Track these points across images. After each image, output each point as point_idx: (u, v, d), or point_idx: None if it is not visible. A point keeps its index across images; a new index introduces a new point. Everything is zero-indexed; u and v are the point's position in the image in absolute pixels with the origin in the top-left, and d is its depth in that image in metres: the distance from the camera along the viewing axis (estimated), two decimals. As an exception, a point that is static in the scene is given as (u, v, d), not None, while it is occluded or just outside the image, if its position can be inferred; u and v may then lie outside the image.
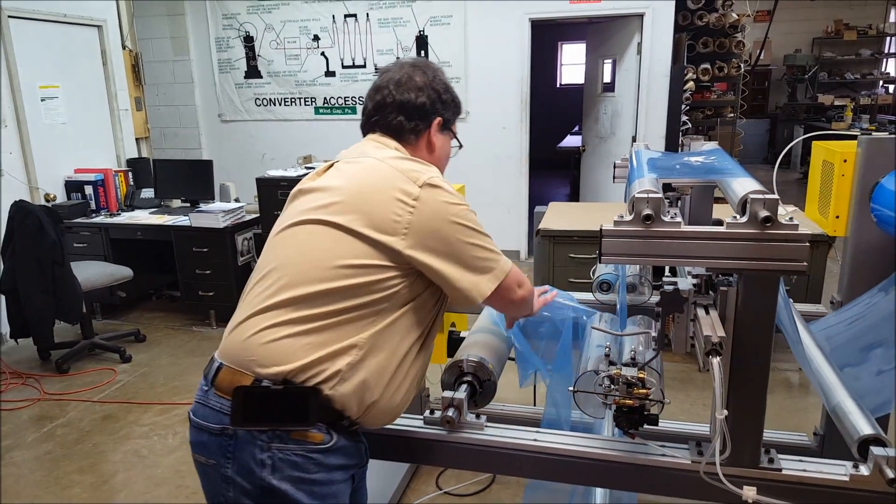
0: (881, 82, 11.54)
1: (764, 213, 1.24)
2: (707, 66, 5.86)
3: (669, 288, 1.42)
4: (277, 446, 1.29)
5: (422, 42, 6.00)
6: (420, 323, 1.43)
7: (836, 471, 1.39)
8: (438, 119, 1.55)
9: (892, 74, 11.80)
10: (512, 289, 1.48)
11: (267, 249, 1.45)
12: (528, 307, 1.61)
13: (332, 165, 1.49)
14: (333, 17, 6.16)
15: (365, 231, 1.32)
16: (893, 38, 11.45)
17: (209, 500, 1.40)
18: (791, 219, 1.26)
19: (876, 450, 1.33)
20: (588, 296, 2.32)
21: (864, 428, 1.41)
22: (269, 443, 1.29)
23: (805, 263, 1.27)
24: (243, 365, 1.31)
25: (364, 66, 6.19)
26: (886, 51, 11.56)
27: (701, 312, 1.39)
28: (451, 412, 1.55)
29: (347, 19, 6.13)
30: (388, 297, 1.34)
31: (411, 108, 1.52)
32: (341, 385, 1.31)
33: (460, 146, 1.68)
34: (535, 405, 2.78)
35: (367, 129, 1.57)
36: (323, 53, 6.27)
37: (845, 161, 2.10)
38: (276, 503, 1.30)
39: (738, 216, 1.31)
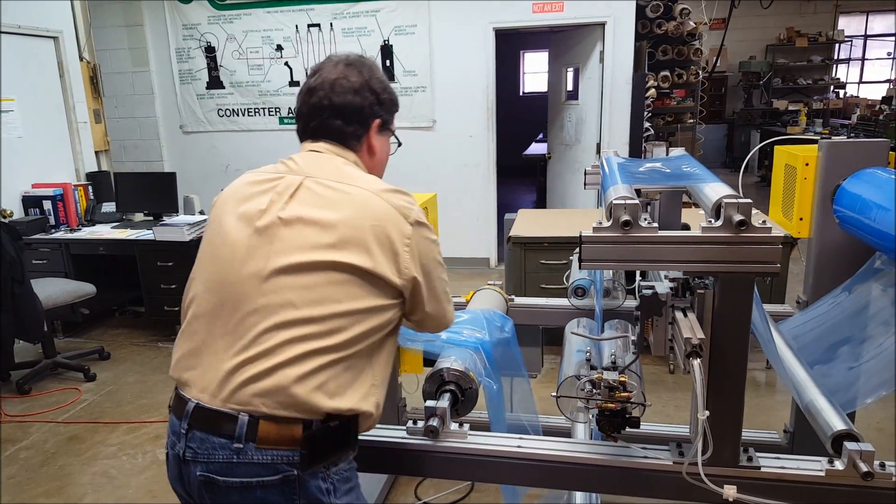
0: (832, 87, 11.91)
1: (738, 217, 1.28)
2: (667, 73, 5.98)
3: (648, 292, 1.45)
4: (334, 470, 1.35)
5: (387, 51, 6.01)
6: (395, 346, 1.47)
7: (812, 467, 1.43)
8: (377, 121, 1.49)
9: (842, 80, 12.19)
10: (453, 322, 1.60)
11: (271, 290, 1.30)
12: None
13: (300, 186, 1.36)
14: (297, 26, 6.13)
15: (374, 270, 1.31)
16: (842, 45, 11.85)
17: None
18: (764, 222, 1.29)
19: (850, 445, 1.37)
20: (563, 301, 2.35)
21: (837, 424, 1.45)
22: (327, 471, 1.33)
23: (778, 265, 1.30)
24: (291, 413, 1.27)
25: (328, 76, 6.15)
26: (836, 57, 11.94)
27: (679, 315, 1.42)
28: (434, 422, 1.55)
29: (311, 29, 6.10)
30: (390, 331, 1.41)
31: (349, 111, 1.45)
32: (368, 420, 1.38)
33: (399, 144, 1.64)
34: (511, 411, 2.79)
35: (305, 134, 1.50)
36: (287, 63, 6.23)
37: (807, 165, 2.16)
38: None
39: (712, 220, 1.34)
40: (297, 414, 1.26)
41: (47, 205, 4.91)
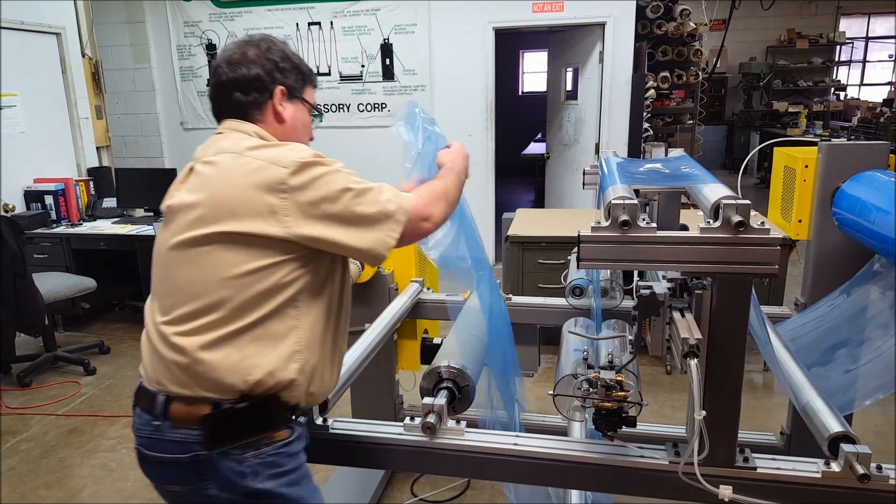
0: (832, 89, 11.91)
1: (737, 218, 1.28)
2: (666, 73, 5.97)
3: (646, 292, 1.46)
4: (252, 454, 1.35)
5: (386, 50, 6.01)
6: (332, 302, 1.44)
7: (808, 468, 1.43)
8: (280, 88, 1.48)
9: (843, 82, 12.19)
10: (419, 225, 1.40)
11: (165, 272, 1.38)
12: (440, 225, 1.48)
13: (191, 169, 1.41)
14: (297, 24, 6.12)
15: (246, 231, 1.29)
16: (843, 47, 11.85)
17: None
18: (762, 223, 1.30)
19: (846, 447, 1.37)
20: (561, 301, 2.36)
21: (834, 426, 1.45)
22: (243, 454, 1.34)
23: (776, 267, 1.31)
24: (197, 393, 1.32)
25: (329, 74, 6.16)
26: (837, 59, 11.95)
27: (677, 315, 1.43)
28: (431, 418, 1.55)
29: (311, 27, 6.11)
30: (301, 289, 1.35)
31: (245, 81, 1.45)
32: (295, 389, 1.37)
33: (320, 115, 1.61)
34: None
35: (215, 115, 1.52)
36: (288, 61, 6.22)
37: (807, 167, 2.17)
38: (263, 499, 1.37)
39: (710, 221, 1.35)
40: (203, 393, 1.31)
41: (49, 199, 4.92)
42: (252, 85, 1.46)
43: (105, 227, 4.83)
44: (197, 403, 1.32)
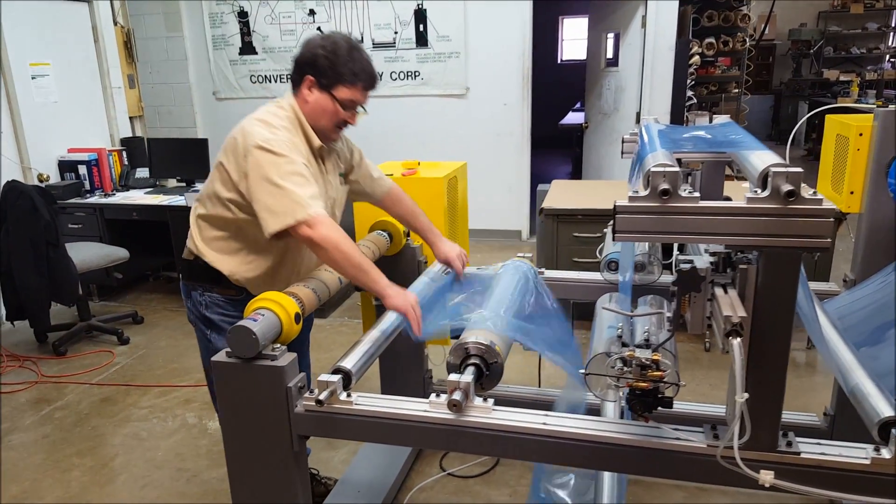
0: (888, 57, 11.37)
1: (787, 187, 1.18)
2: (712, 40, 5.77)
3: (686, 266, 1.36)
4: (209, 295, 2.07)
5: (420, 16, 5.88)
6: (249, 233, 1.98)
7: (856, 454, 1.34)
8: (309, 77, 1.94)
9: (899, 49, 11.65)
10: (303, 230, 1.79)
11: None
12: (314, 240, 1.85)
13: None
14: (330, -9, 6.04)
15: (225, 167, 1.94)
16: (900, 12, 11.29)
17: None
18: (815, 193, 1.20)
19: (899, 433, 1.28)
20: (595, 275, 2.27)
21: (886, 410, 1.36)
22: (203, 292, 2.08)
23: (829, 240, 1.21)
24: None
25: (361, 41, 6.05)
26: (893, 24, 11.38)
27: (719, 292, 1.33)
28: (457, 395, 1.49)
29: (344, -7, 6.01)
30: (240, 219, 1.97)
31: (295, 62, 2.01)
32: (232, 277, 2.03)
33: (361, 112, 2.05)
34: (539, 386, 2.74)
35: None
36: (319, 28, 6.14)
37: (861, 135, 2.04)
38: (211, 325, 2.09)
39: (758, 191, 1.25)
40: (188, 252, 2.08)
41: (82, 170, 4.95)
42: (297, 67, 1.98)
43: (138, 197, 4.85)
44: (184, 257, 2.10)
